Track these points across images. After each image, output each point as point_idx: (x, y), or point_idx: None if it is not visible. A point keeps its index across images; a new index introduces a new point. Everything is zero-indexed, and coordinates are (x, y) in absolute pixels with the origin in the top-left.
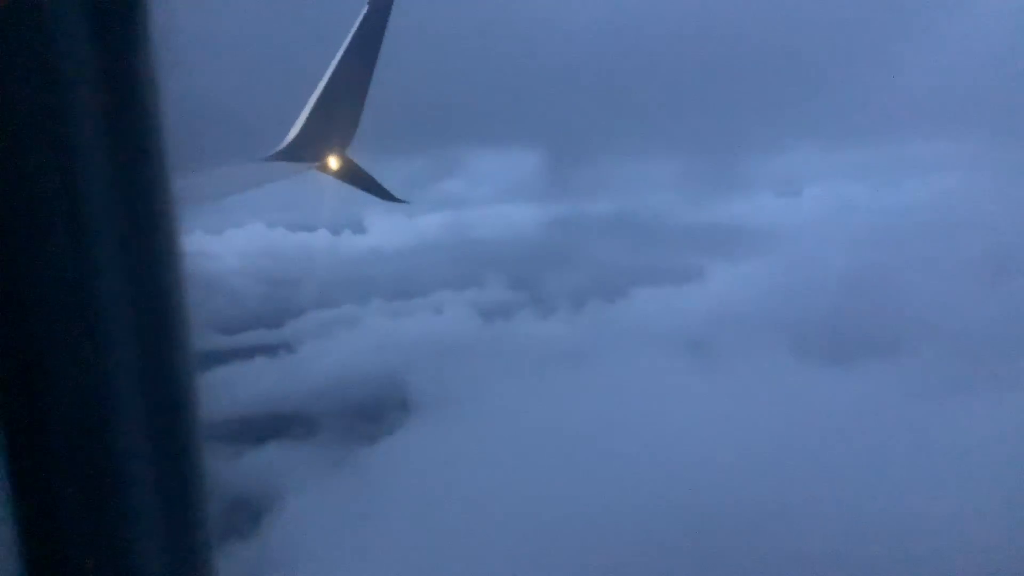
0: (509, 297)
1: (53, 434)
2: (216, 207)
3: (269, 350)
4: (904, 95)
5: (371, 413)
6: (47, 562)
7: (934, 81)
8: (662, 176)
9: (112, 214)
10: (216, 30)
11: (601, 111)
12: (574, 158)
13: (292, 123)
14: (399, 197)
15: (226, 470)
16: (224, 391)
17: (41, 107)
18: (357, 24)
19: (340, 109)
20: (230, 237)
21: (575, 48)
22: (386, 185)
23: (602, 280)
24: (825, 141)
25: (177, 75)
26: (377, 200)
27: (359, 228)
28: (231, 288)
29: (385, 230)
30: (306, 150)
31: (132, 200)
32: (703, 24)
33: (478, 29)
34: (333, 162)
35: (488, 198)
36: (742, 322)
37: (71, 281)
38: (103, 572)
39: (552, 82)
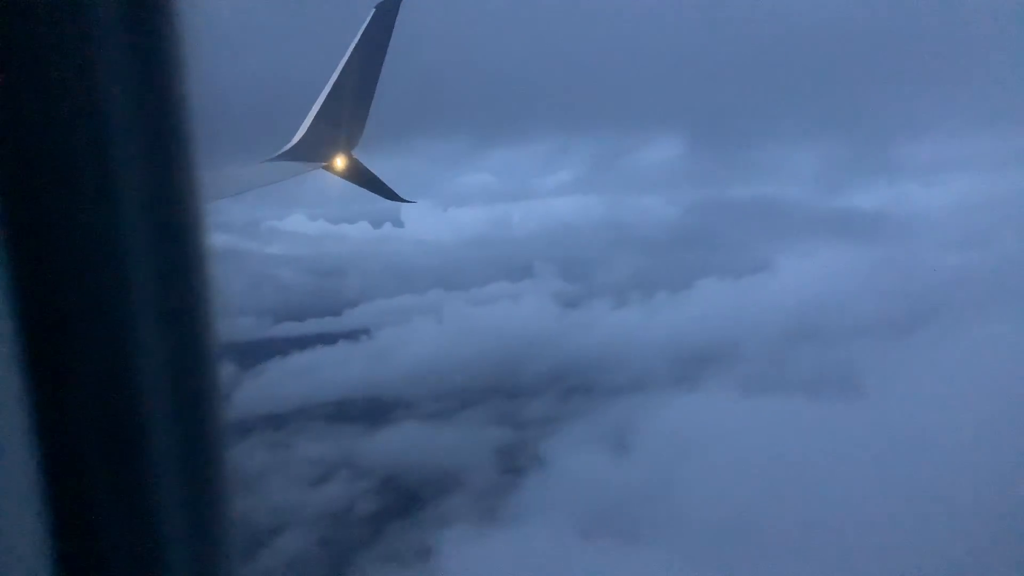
0: (568, 288)
1: (83, 427)
2: (226, 205)
3: (349, 336)
4: None
5: (486, 394)
6: (77, 551)
7: None
8: (782, 163)
9: (141, 206)
10: (221, 30)
11: (731, 96)
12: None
13: (299, 123)
14: (405, 197)
15: (366, 448)
16: (321, 374)
17: (71, 101)
18: (365, 25)
19: (347, 110)
20: (273, 229)
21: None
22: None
23: (670, 270)
24: (976, 126)
25: (195, 73)
26: (412, 193)
27: (398, 221)
28: (280, 278)
29: (426, 223)
30: (313, 150)
31: (160, 190)
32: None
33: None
34: (340, 162)
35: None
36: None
37: (100, 274)
38: (129, 563)
39: (685, 67)
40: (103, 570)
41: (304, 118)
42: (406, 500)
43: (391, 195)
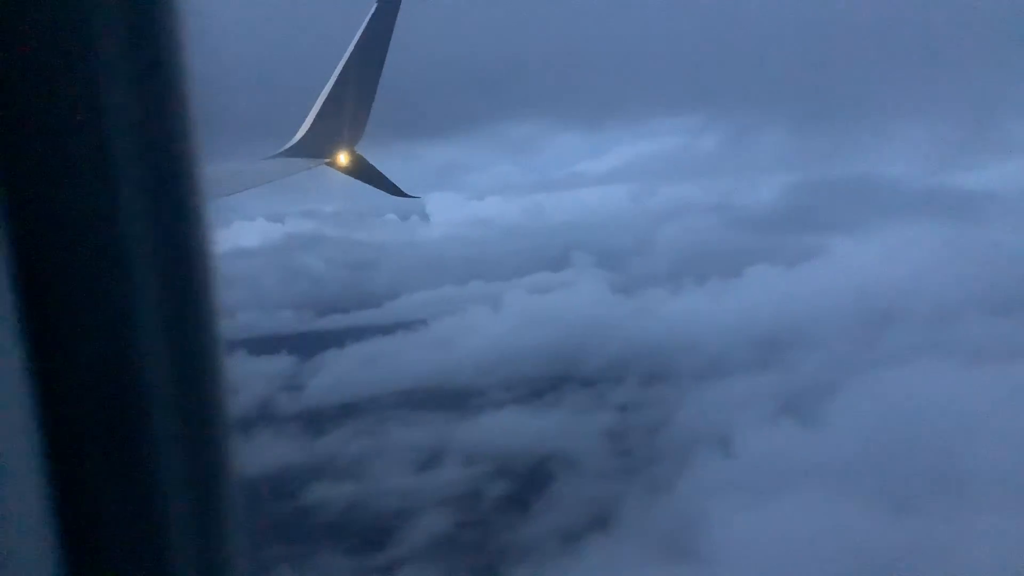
0: (623, 276)
1: (86, 422)
2: (227, 203)
3: (406, 326)
4: None
5: (559, 382)
6: (81, 548)
7: None
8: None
9: (142, 201)
10: (224, 27)
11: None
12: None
13: (302, 120)
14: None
15: (466, 434)
16: (387, 364)
17: (71, 97)
18: (366, 22)
19: (349, 106)
20: (297, 223)
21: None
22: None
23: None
24: None
25: (197, 70)
26: (436, 186)
27: (424, 214)
28: (312, 272)
29: (454, 214)
30: (316, 146)
31: (162, 185)
32: None
33: None
34: (343, 158)
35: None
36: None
37: (102, 270)
38: (135, 559)
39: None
40: (108, 565)
41: (307, 115)
42: (537, 483)
43: (395, 191)
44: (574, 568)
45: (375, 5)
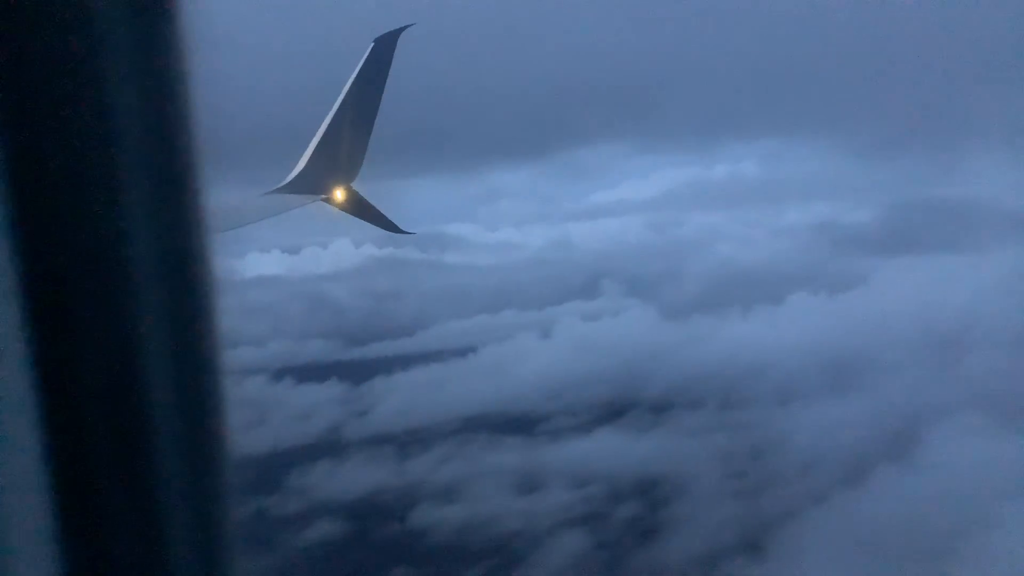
0: (654, 304)
1: (88, 433)
2: (224, 238)
3: (455, 353)
4: None
5: (627, 407)
6: (83, 553)
7: None
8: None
9: (147, 221)
10: (217, 64)
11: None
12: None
13: (299, 156)
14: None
15: (559, 457)
16: (444, 391)
17: (81, 130)
18: (363, 60)
19: (346, 143)
20: (315, 255)
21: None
22: None
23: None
24: None
25: (197, 106)
26: (459, 216)
27: (444, 245)
28: (336, 302)
29: (473, 246)
30: (313, 183)
31: (167, 205)
32: None
33: None
34: (339, 194)
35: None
36: None
37: (107, 292)
38: (134, 565)
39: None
40: (107, 566)
41: (304, 151)
42: (661, 505)
43: (390, 227)
44: None
45: (372, 43)
